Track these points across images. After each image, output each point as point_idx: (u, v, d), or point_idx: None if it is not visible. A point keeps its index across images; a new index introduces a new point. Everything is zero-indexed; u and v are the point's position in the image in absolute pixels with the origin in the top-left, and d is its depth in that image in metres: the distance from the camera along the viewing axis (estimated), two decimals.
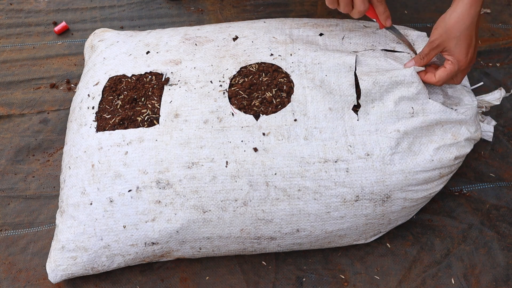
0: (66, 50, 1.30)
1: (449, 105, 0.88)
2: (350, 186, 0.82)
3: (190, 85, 0.90)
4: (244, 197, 0.83)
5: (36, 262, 0.97)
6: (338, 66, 0.88)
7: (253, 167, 0.82)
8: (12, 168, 1.09)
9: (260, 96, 0.87)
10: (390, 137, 0.83)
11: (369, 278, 0.91)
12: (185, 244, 0.87)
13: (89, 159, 0.87)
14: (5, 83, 1.23)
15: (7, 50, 1.31)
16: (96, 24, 1.35)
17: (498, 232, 0.95)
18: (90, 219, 0.86)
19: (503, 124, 1.08)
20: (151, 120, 0.88)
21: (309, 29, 0.96)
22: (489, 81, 1.15)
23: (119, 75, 0.94)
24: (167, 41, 0.98)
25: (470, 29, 0.81)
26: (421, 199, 0.86)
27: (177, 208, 0.84)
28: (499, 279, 0.90)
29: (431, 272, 0.91)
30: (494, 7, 1.30)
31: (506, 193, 0.99)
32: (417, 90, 0.85)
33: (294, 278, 0.92)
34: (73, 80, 1.23)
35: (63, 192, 0.90)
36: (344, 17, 1.30)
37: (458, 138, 0.84)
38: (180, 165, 0.83)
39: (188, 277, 0.93)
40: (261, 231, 0.85)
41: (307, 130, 0.84)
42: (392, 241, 0.95)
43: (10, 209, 1.04)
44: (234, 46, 0.95)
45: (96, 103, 0.92)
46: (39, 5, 1.40)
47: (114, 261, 0.89)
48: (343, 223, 0.85)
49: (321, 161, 0.82)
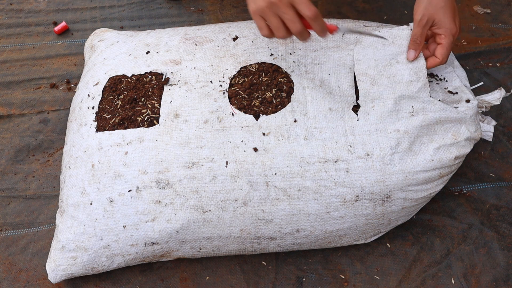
0: (66, 50, 1.30)
1: (450, 104, 0.88)
2: (350, 186, 0.82)
3: (190, 85, 0.90)
4: (244, 197, 0.83)
5: (36, 262, 0.97)
6: (338, 67, 0.88)
7: (253, 167, 0.82)
8: (12, 168, 1.09)
9: (260, 96, 0.87)
10: (390, 137, 0.83)
11: (369, 278, 0.91)
12: (185, 244, 0.87)
13: (89, 159, 0.87)
14: (5, 83, 1.24)
15: (7, 50, 1.31)
16: (96, 24, 1.35)
17: (498, 232, 0.95)
18: (90, 219, 0.86)
19: (503, 124, 1.08)
20: (151, 120, 0.88)
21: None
22: (489, 81, 1.15)
23: (119, 75, 0.94)
24: (167, 41, 0.98)
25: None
26: (421, 199, 0.86)
27: (177, 208, 0.84)
28: (499, 279, 0.90)
29: (431, 272, 0.91)
30: (494, 7, 1.30)
31: (506, 193, 0.99)
32: (417, 88, 0.85)
33: (294, 278, 0.92)
34: (73, 80, 1.23)
35: (63, 192, 0.90)
36: (344, 17, 1.30)
37: (458, 137, 0.84)
38: (180, 165, 0.83)
39: (188, 277, 0.93)
40: (261, 231, 0.85)
41: (307, 130, 0.84)
42: (392, 241, 0.95)
43: (10, 209, 1.04)
44: (234, 46, 0.95)
45: (96, 103, 0.92)
46: (39, 5, 1.40)
47: (114, 261, 0.89)
48: (343, 223, 0.85)
49: (321, 161, 0.82)
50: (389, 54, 0.89)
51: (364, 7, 1.32)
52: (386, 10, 1.31)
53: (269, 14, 0.77)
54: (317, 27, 0.78)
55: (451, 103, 0.88)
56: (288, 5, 0.76)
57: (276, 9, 0.76)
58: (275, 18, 0.77)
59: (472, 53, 1.20)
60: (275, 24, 0.78)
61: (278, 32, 0.79)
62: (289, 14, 0.76)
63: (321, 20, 0.78)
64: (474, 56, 1.20)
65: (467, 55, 1.20)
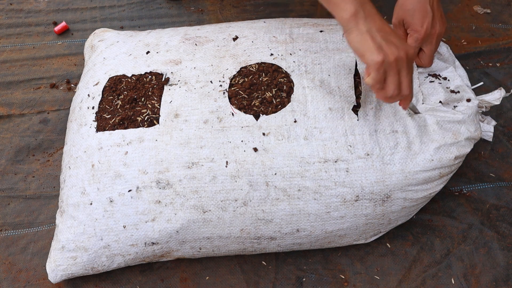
0: (66, 50, 1.30)
1: (450, 104, 0.88)
2: (350, 186, 0.82)
3: (190, 85, 0.90)
4: (244, 197, 0.83)
5: (36, 262, 0.97)
6: (338, 68, 0.89)
7: (253, 167, 0.82)
8: (12, 168, 1.09)
9: (260, 96, 0.87)
10: (389, 137, 0.83)
11: (369, 278, 0.91)
12: (185, 244, 0.87)
13: (89, 159, 0.87)
14: (5, 83, 1.24)
15: (7, 50, 1.31)
16: (96, 24, 1.35)
17: (498, 232, 0.95)
18: (90, 219, 0.86)
19: (503, 124, 1.08)
20: (151, 120, 0.88)
21: (309, 28, 0.97)
22: (489, 81, 1.15)
23: (119, 75, 0.94)
24: (167, 41, 0.98)
25: (423, 2, 0.85)
26: (421, 199, 0.86)
27: (177, 208, 0.84)
28: (499, 279, 0.90)
29: (431, 272, 0.91)
30: (494, 7, 1.30)
31: (506, 193, 0.99)
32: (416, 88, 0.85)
33: (294, 278, 0.92)
34: (73, 80, 1.23)
35: (63, 192, 0.90)
36: None
37: (458, 137, 0.84)
38: (180, 165, 0.83)
39: (188, 277, 0.93)
40: (261, 231, 0.85)
41: (307, 130, 0.84)
42: (392, 241, 0.95)
43: (10, 209, 1.04)
44: (234, 46, 0.95)
45: (96, 103, 0.92)
46: (39, 5, 1.40)
47: (114, 261, 0.89)
48: (343, 223, 0.85)
49: (321, 161, 0.82)
50: None
51: None
52: (386, 10, 1.30)
53: (395, 69, 0.72)
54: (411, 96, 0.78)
55: (452, 102, 0.88)
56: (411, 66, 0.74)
57: (401, 66, 0.72)
58: (397, 75, 0.73)
59: (472, 53, 1.20)
60: (397, 81, 0.73)
61: (396, 90, 0.73)
62: (410, 75, 0.74)
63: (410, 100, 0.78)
64: (474, 56, 1.20)
65: (467, 55, 1.20)
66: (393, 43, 0.72)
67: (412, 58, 0.74)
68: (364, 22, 0.72)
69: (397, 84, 0.73)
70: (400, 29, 0.89)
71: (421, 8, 0.85)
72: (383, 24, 0.74)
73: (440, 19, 0.87)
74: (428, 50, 0.88)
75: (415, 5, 0.85)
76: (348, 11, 0.73)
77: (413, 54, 0.74)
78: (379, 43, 0.71)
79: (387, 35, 0.72)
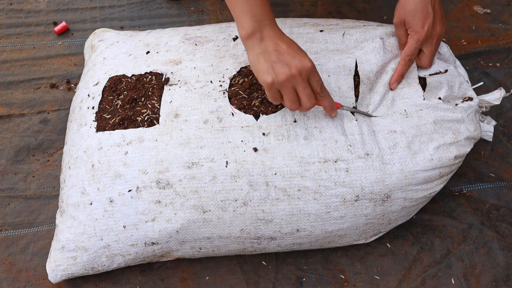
0: (66, 50, 1.30)
1: (450, 103, 0.88)
2: (350, 186, 0.82)
3: (190, 85, 0.90)
4: (244, 197, 0.83)
5: (36, 262, 0.97)
6: (338, 69, 0.89)
7: (253, 167, 0.82)
8: (12, 168, 1.09)
9: (260, 96, 0.87)
10: (388, 137, 0.83)
11: (369, 278, 0.91)
12: (185, 244, 0.87)
13: (89, 159, 0.87)
14: (5, 83, 1.24)
15: (7, 50, 1.31)
16: (96, 24, 1.35)
17: (498, 232, 0.95)
18: (90, 219, 0.86)
19: (503, 124, 1.08)
20: (151, 120, 0.88)
21: (309, 28, 0.97)
22: (489, 81, 1.15)
23: (119, 75, 0.94)
24: (167, 41, 0.98)
25: (425, 3, 0.85)
26: (421, 198, 0.86)
27: (177, 208, 0.84)
28: (499, 279, 0.90)
29: (431, 272, 0.91)
30: (494, 7, 1.30)
31: (506, 193, 0.99)
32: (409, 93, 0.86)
33: (294, 278, 0.92)
34: (73, 80, 1.23)
35: (63, 192, 0.90)
36: (344, 17, 1.30)
37: (458, 137, 0.84)
38: (180, 165, 0.83)
39: (188, 277, 0.93)
40: (261, 231, 0.85)
41: (307, 130, 0.84)
42: (392, 241, 0.95)
43: (10, 209, 1.04)
44: (234, 46, 0.95)
45: (96, 103, 0.92)
46: (39, 5, 1.40)
47: (114, 261, 0.89)
48: (343, 223, 0.85)
49: (321, 161, 0.82)
50: (386, 62, 0.89)
51: (364, 7, 1.32)
52: (386, 10, 1.31)
53: (288, 87, 0.76)
54: (327, 103, 0.80)
55: (453, 100, 0.88)
56: (306, 80, 0.76)
57: (295, 83, 0.76)
58: (292, 92, 0.77)
59: (472, 53, 1.20)
60: (292, 98, 0.77)
61: (293, 105, 0.78)
62: (307, 89, 0.77)
63: (331, 98, 0.81)
64: (474, 56, 1.20)
65: (467, 55, 1.20)
66: (285, 62, 0.75)
67: (308, 70, 0.76)
68: (260, 43, 0.77)
69: (293, 100, 0.77)
70: (401, 30, 0.89)
71: (422, 9, 0.86)
72: (281, 42, 0.76)
73: (440, 20, 0.87)
74: (428, 51, 0.88)
75: (417, 5, 0.86)
76: (245, 30, 0.77)
77: (309, 67, 0.75)
78: (271, 65, 0.75)
79: (280, 55, 0.75)
